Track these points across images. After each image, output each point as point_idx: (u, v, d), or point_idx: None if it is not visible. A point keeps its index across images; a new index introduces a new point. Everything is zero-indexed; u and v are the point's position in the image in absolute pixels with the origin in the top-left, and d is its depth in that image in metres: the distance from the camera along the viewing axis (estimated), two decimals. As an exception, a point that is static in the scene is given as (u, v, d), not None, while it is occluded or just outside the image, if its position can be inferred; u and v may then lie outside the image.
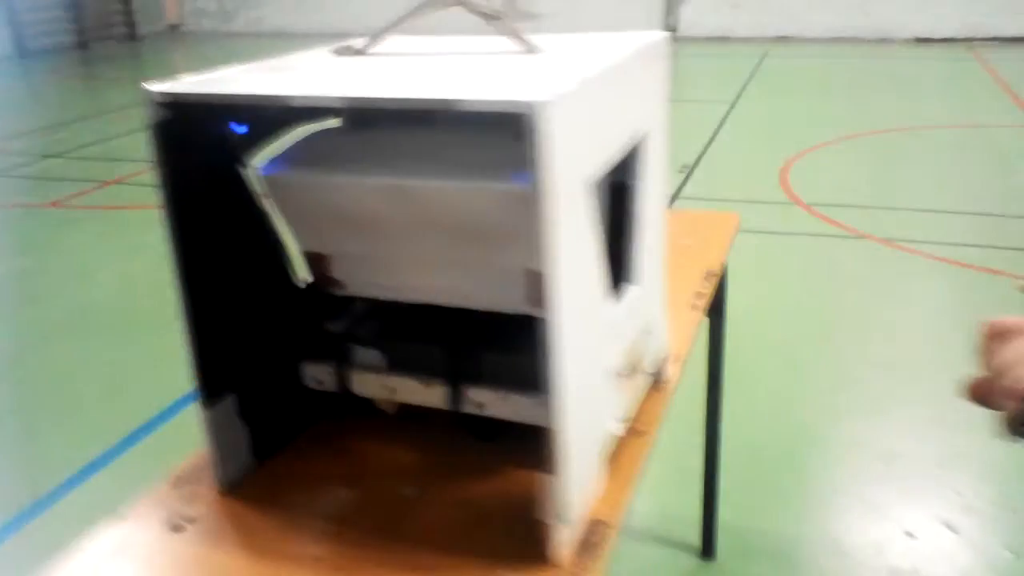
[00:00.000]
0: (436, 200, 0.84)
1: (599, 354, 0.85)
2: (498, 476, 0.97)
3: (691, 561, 2.08)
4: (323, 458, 1.02)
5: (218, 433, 0.95)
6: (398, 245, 0.92)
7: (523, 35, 0.88)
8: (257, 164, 0.93)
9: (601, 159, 0.80)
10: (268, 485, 0.98)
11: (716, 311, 1.82)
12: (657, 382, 1.13)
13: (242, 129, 0.89)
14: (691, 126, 6.73)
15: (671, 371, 1.15)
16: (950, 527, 2.11)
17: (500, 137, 0.77)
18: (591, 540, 0.86)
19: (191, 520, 0.92)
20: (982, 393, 0.71)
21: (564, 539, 0.82)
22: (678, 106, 6.60)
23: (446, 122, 0.89)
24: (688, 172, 5.19)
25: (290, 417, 1.05)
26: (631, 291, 0.95)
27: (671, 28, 10.41)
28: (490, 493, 0.94)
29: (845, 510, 2.21)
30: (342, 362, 1.02)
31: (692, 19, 10.30)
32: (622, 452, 0.99)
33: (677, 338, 1.24)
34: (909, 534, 2.11)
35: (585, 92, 0.74)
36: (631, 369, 0.97)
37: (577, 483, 0.82)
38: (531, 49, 0.88)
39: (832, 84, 7.91)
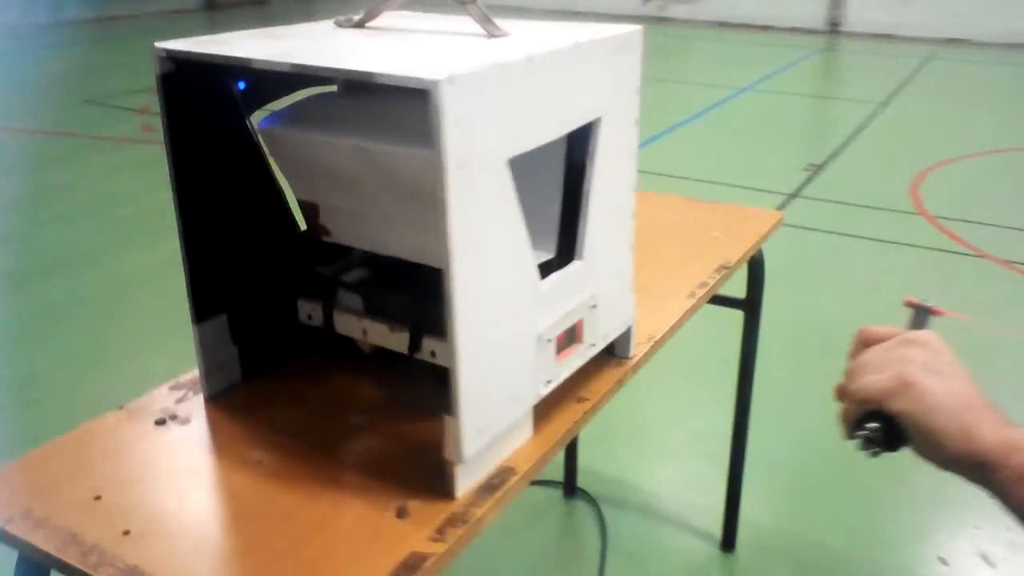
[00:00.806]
0: (391, 163, 0.94)
1: (517, 316, 0.93)
2: (443, 419, 1.07)
3: (711, 551, 2.11)
4: (300, 384, 1.15)
5: (207, 348, 1.09)
6: (368, 202, 1.03)
7: (490, 21, 0.96)
8: (256, 118, 1.06)
9: (526, 138, 0.88)
10: (247, 399, 1.12)
11: (751, 306, 1.84)
12: (619, 357, 1.19)
13: (241, 85, 1.02)
14: (831, 124, 6.50)
15: (637, 349, 1.21)
16: (987, 560, 2.04)
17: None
18: (493, 482, 0.94)
19: (173, 417, 1.08)
20: (838, 395, 0.76)
21: (461, 477, 0.91)
22: (822, 103, 6.49)
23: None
24: (814, 171, 5.05)
25: (281, 345, 1.18)
26: (575, 265, 1.02)
27: (834, 23, 9.99)
28: (430, 431, 1.04)
29: (879, 524, 2.18)
30: (329, 302, 1.15)
31: (858, 14, 9.84)
32: (558, 413, 1.07)
33: (657, 321, 1.30)
34: (942, 560, 2.06)
35: (499, 74, 0.81)
36: (568, 338, 1.04)
37: (479, 428, 0.91)
38: (494, 33, 0.96)
39: (996, 94, 7.40)
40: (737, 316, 1.87)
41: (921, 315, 0.81)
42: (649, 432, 2.61)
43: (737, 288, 1.79)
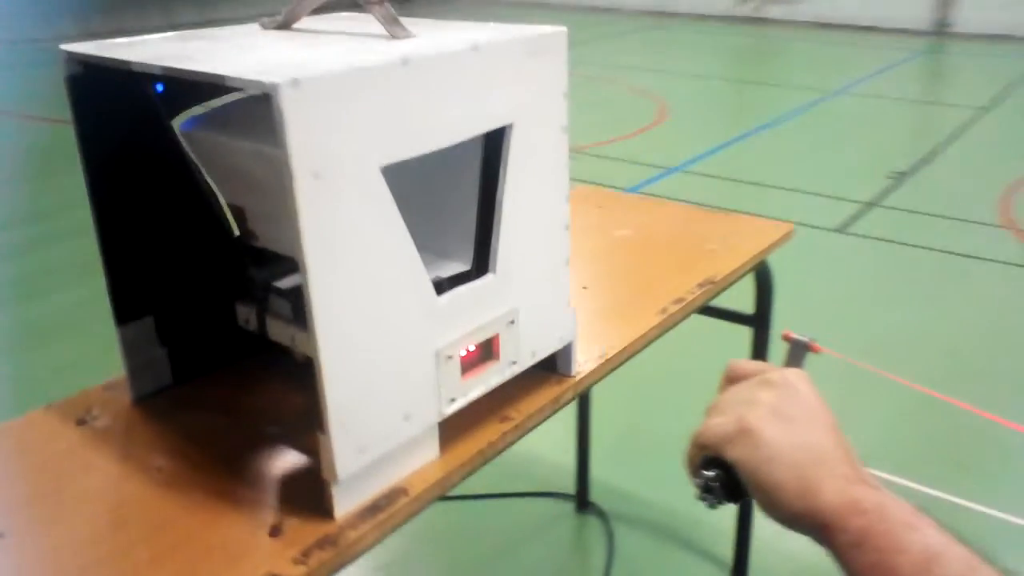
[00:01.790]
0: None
1: (404, 331, 0.88)
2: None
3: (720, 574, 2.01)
4: (230, 390, 1.14)
5: (131, 349, 1.09)
6: (280, 205, 1.00)
7: (395, 22, 0.92)
8: (178, 121, 1.04)
9: (406, 146, 0.83)
10: (172, 403, 1.11)
11: (760, 321, 1.73)
12: (560, 374, 1.13)
13: (159, 88, 1.01)
14: (923, 130, 6.16)
15: (583, 367, 1.15)
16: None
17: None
18: (378, 504, 0.90)
19: (95, 418, 1.08)
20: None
21: (340, 497, 0.88)
22: (917, 107, 6.18)
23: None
24: (898, 179, 4.78)
25: (217, 349, 1.17)
26: (485, 279, 0.97)
27: (944, 23, 9.48)
28: (339, 446, 1.01)
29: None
30: (262, 307, 1.13)
31: (971, 14, 9.30)
32: (474, 432, 1.02)
33: (617, 338, 1.23)
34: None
35: (364, 78, 0.77)
36: (483, 355, 0.99)
37: (359, 447, 0.87)
38: (398, 35, 0.92)
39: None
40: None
41: (797, 351, 0.73)
42: (668, 449, 2.51)
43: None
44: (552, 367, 1.14)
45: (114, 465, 0.99)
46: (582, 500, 2.23)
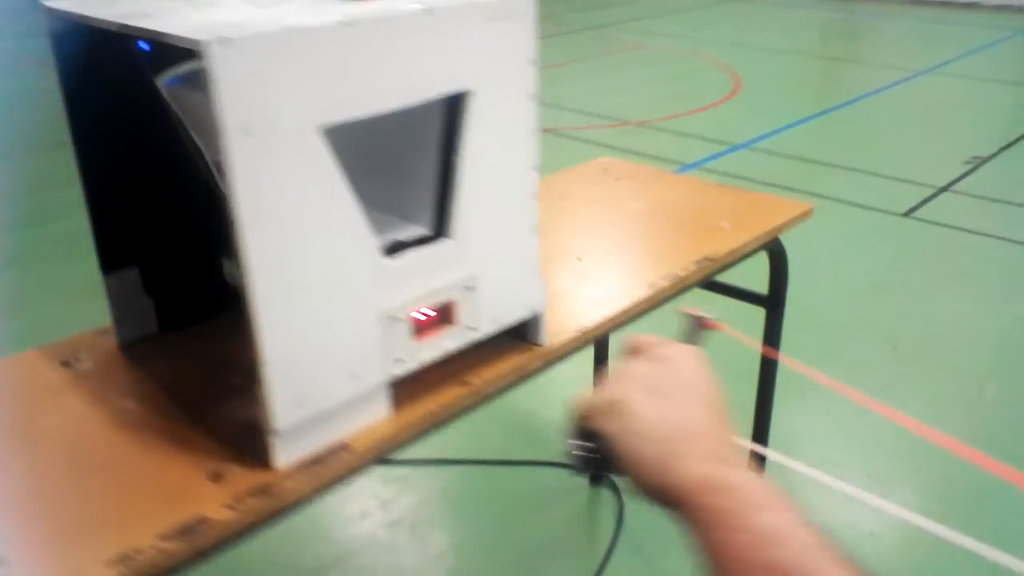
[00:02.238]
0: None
1: (348, 291, 0.89)
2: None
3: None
4: (209, 340, 1.17)
5: (116, 298, 1.14)
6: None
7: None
8: (161, 79, 1.07)
9: (348, 107, 0.84)
10: (154, 350, 1.15)
11: (774, 303, 1.70)
12: (530, 343, 1.13)
13: (144, 46, 1.04)
14: (1012, 113, 5.84)
15: (557, 338, 1.15)
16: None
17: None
18: (320, 458, 0.93)
19: (80, 361, 1.13)
20: None
21: (281, 448, 0.90)
22: (1008, 88, 5.90)
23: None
24: (976, 164, 4.57)
25: (204, 301, 1.21)
26: (441, 244, 0.97)
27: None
28: (300, 400, 1.04)
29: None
30: (245, 262, 1.16)
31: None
32: (430, 395, 1.03)
33: (600, 310, 1.22)
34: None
35: (301, 39, 0.78)
36: (440, 319, 1.00)
37: (297, 401, 0.89)
38: (361, -5, 0.92)
39: None
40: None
41: (693, 328, 0.71)
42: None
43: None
44: (524, 336, 1.14)
45: (85, 406, 1.03)
46: (596, 474, 2.23)
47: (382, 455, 0.98)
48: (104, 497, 0.87)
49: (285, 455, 0.91)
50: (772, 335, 1.73)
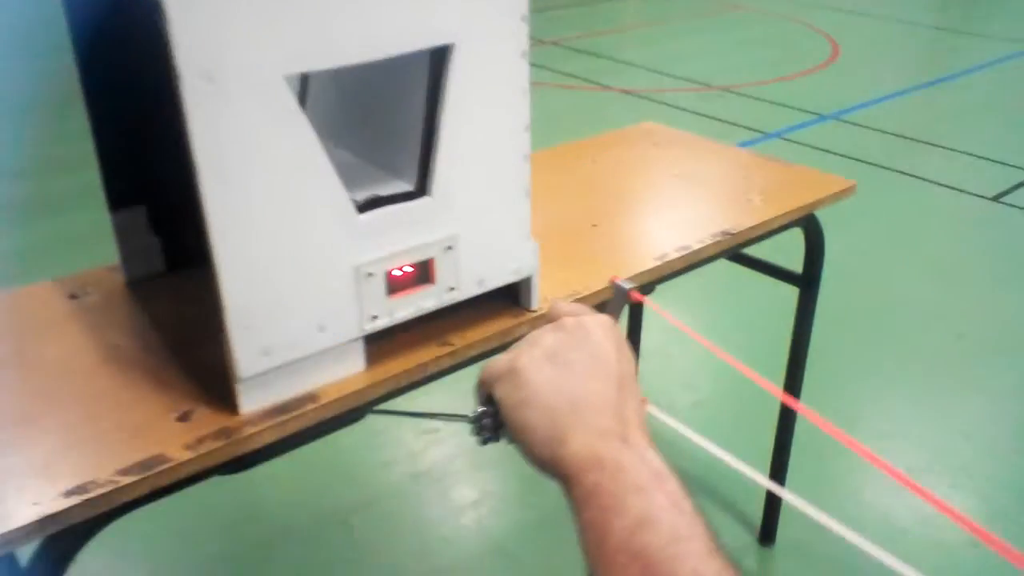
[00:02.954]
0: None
1: (317, 244, 0.89)
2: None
3: (748, 541, 1.95)
4: (213, 282, 1.20)
5: (123, 235, 1.17)
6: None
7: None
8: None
9: (316, 57, 0.83)
10: (158, 289, 1.18)
11: (808, 281, 1.63)
12: (522, 308, 1.12)
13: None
14: None
15: (543, 303, 1.13)
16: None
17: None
18: (285, 406, 0.93)
19: (87, 295, 1.17)
20: None
21: (245, 394, 0.91)
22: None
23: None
24: (1081, 148, 4.27)
25: (211, 244, 1.23)
26: (419, 202, 0.96)
27: None
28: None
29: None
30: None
31: None
32: (408, 353, 1.03)
33: (600, 279, 1.19)
34: None
35: (260, -16, 0.77)
36: (418, 277, 0.99)
37: (262, 349, 0.90)
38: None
39: None
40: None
41: (618, 299, 0.68)
42: (705, 406, 2.43)
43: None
44: (518, 300, 1.12)
45: (79, 338, 1.07)
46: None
47: (353, 408, 0.99)
48: (76, 428, 0.90)
49: (249, 402, 0.92)
50: (804, 316, 1.66)
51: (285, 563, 1.90)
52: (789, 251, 1.65)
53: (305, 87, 1.20)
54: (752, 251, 1.54)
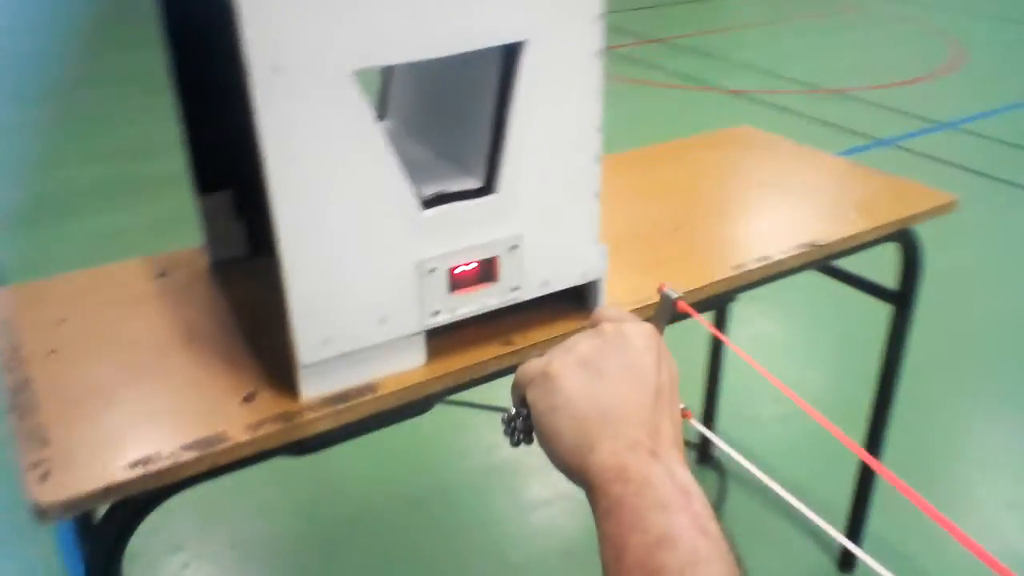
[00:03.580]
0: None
1: (381, 238, 0.90)
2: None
3: (826, 567, 1.88)
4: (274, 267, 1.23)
5: (209, 219, 1.21)
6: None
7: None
8: None
9: (386, 53, 0.84)
10: (240, 271, 1.22)
11: (903, 299, 1.55)
12: (587, 311, 1.10)
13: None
14: None
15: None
16: None
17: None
18: (344, 395, 0.95)
19: (173, 274, 1.22)
20: None
21: (306, 381, 0.93)
22: None
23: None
24: None
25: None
26: (485, 200, 0.96)
27: None
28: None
29: None
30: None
31: None
32: (470, 350, 1.03)
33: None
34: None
35: (332, -19, 0.78)
36: (481, 275, 0.99)
37: (323, 339, 0.92)
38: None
39: None
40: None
41: (664, 307, 0.66)
42: (791, 421, 2.34)
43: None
44: (585, 303, 1.11)
45: (161, 315, 1.12)
46: (704, 453, 2.16)
47: (411, 401, 1.00)
48: (148, 402, 0.94)
49: (309, 388, 0.94)
50: (898, 335, 1.59)
51: (358, 545, 1.95)
52: (891, 265, 1.57)
53: (389, 84, 1.22)
54: (850, 264, 1.49)
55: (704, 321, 0.69)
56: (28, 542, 1.91)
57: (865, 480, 1.75)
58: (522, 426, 0.60)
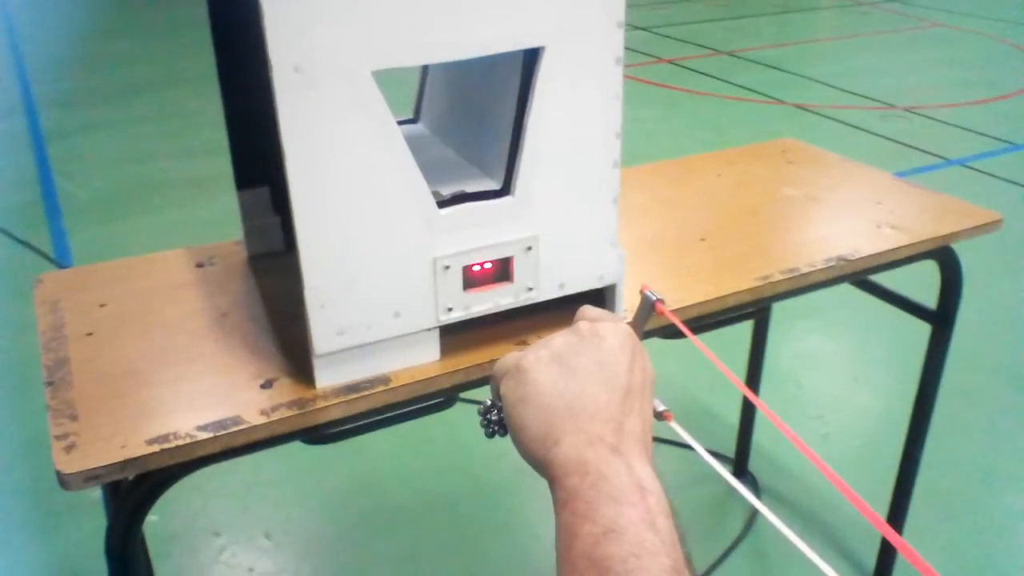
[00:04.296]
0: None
1: (396, 235, 0.93)
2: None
3: (860, 586, 1.84)
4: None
5: (247, 212, 1.26)
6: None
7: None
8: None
9: (404, 54, 0.86)
10: (274, 264, 1.27)
11: (941, 319, 1.52)
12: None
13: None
14: None
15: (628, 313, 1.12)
16: None
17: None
18: (357, 385, 0.98)
19: (211, 264, 1.27)
20: None
21: (321, 370, 0.97)
22: None
23: None
24: None
25: (326, 227, 1.30)
26: (501, 200, 0.98)
27: None
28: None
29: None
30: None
31: None
32: (483, 348, 1.05)
33: (690, 292, 1.17)
34: None
35: (352, -15, 0.81)
36: (496, 274, 1.01)
37: (338, 330, 0.95)
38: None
39: None
40: None
41: (643, 308, 0.67)
42: (833, 437, 2.29)
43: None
44: (601, 307, 1.12)
45: (196, 303, 1.17)
46: (739, 466, 2.14)
47: (423, 395, 1.02)
48: (174, 383, 0.99)
49: (324, 377, 0.97)
50: (935, 354, 1.55)
51: (390, 539, 1.98)
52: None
53: (423, 87, 1.25)
54: (898, 282, 1.46)
55: (683, 326, 0.70)
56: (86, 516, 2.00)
57: (899, 502, 1.71)
58: (497, 418, 0.62)
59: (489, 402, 0.63)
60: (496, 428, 0.62)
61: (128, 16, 7.72)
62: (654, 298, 0.66)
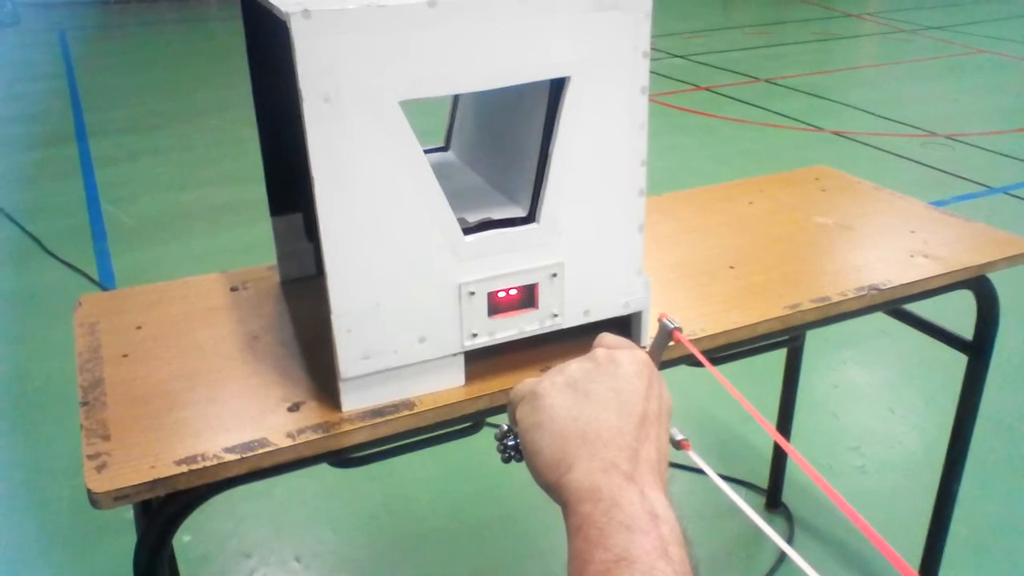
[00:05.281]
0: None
1: (423, 262, 0.94)
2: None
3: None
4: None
5: (281, 238, 1.29)
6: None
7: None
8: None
9: (430, 85, 0.88)
10: (306, 290, 1.29)
11: (977, 349, 1.50)
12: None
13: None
14: None
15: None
16: None
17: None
18: (382, 409, 0.99)
19: (245, 288, 1.30)
20: None
21: (347, 394, 0.98)
22: None
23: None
24: None
25: (357, 253, 1.33)
26: (526, 228, 0.99)
27: None
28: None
29: None
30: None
31: None
32: (507, 374, 1.06)
33: (714, 322, 1.17)
34: None
35: (382, 16, 0.83)
36: (522, 300, 1.02)
37: (364, 354, 0.96)
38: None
39: None
40: None
41: (661, 337, 0.66)
42: (867, 469, 2.24)
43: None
44: (627, 334, 1.12)
45: (228, 326, 1.19)
46: (772, 498, 2.11)
47: (448, 420, 1.03)
48: (205, 405, 1.01)
49: (350, 401, 0.99)
50: (972, 386, 1.52)
51: (419, 564, 1.98)
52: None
53: (454, 116, 1.27)
54: (936, 312, 1.44)
55: (700, 355, 0.70)
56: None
57: (935, 538, 1.67)
58: (513, 443, 0.62)
59: (506, 427, 0.63)
60: (512, 453, 0.63)
61: (184, 45, 7.93)
62: (672, 326, 0.66)
